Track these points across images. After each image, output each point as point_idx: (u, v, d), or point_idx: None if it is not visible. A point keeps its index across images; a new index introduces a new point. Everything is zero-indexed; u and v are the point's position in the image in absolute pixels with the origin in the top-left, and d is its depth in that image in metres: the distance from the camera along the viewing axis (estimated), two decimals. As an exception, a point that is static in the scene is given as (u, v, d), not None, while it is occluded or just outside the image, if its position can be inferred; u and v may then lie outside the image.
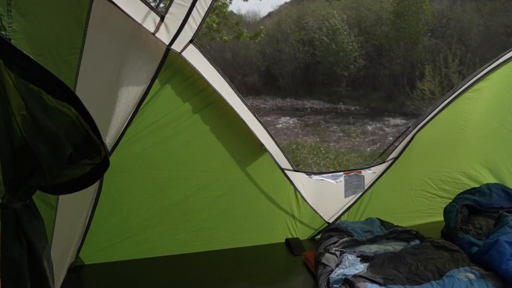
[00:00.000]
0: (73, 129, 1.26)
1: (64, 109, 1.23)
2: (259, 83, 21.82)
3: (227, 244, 3.02)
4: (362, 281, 2.27)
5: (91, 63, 1.78)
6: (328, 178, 3.02)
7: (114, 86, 2.06)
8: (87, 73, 1.77)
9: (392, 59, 19.04)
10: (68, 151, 1.26)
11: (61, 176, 1.31)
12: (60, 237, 2.11)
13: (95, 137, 1.31)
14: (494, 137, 3.44)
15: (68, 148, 1.25)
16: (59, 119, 1.23)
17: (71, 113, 1.25)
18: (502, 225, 2.67)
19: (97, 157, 1.38)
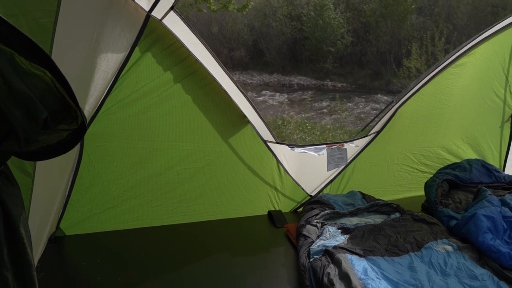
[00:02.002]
0: (48, 93, 1.22)
1: (38, 72, 1.19)
2: (246, 58, 21.60)
3: (208, 216, 3.02)
4: (342, 252, 2.29)
5: (67, 27, 1.72)
6: (310, 150, 3.02)
7: (92, 53, 2.00)
8: (63, 38, 1.71)
9: (379, 37, 18.96)
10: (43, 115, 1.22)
11: (36, 141, 1.28)
12: (38, 206, 2.08)
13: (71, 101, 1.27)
14: (475, 113, 3.47)
15: (43, 112, 1.22)
16: (33, 83, 1.19)
17: (45, 77, 1.20)
18: (481, 199, 2.71)
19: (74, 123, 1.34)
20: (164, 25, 2.29)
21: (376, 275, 2.14)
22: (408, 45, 15.52)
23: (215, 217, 3.04)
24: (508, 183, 3.25)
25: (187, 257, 2.55)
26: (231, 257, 2.58)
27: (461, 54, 3.08)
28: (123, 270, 2.40)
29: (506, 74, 3.37)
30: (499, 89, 3.43)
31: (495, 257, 2.25)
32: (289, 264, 2.49)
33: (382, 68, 17.71)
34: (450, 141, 3.53)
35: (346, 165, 3.23)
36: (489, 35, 3.09)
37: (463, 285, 2.07)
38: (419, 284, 2.06)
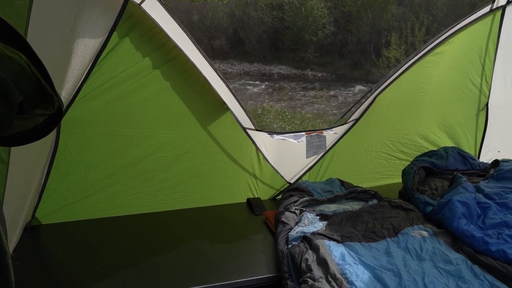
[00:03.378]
0: (23, 76, 1.18)
1: (12, 55, 1.15)
2: (226, 47, 21.46)
3: (188, 204, 3.01)
4: (320, 238, 2.31)
5: (43, 11, 1.67)
6: (289, 137, 3.03)
7: (69, 37, 1.96)
8: (39, 22, 1.67)
9: (360, 27, 19.04)
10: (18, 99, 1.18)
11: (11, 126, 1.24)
12: (13, 193, 2.04)
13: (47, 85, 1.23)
14: (452, 102, 3.52)
15: (18, 96, 1.18)
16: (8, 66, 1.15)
17: (20, 60, 1.16)
18: (456, 186, 2.76)
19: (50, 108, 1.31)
20: (143, 9, 2.25)
21: (354, 260, 2.15)
22: (388, 36, 15.62)
23: (194, 204, 3.03)
24: (482, 170, 3.31)
25: (165, 245, 2.53)
26: (210, 245, 2.57)
27: (439, 43, 3.11)
28: (100, 258, 2.37)
29: (483, 63, 3.41)
30: (476, 78, 3.48)
31: (469, 242, 2.28)
32: (267, 251, 2.50)
33: (362, 58, 17.82)
34: (427, 129, 3.57)
35: (325, 153, 3.25)
36: (466, 24, 3.13)
37: (438, 269, 2.09)
38: (395, 268, 2.08)
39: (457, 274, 2.04)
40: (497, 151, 3.77)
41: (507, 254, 2.11)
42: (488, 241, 2.22)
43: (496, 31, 3.30)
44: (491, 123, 3.70)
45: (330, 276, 1.99)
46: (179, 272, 2.27)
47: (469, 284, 1.96)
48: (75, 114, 2.44)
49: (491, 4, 3.13)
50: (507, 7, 3.17)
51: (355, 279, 1.98)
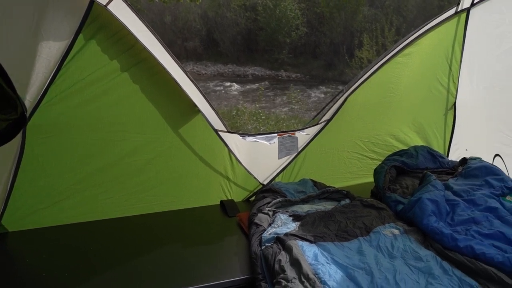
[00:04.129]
0: (-17, 81, 1.16)
1: (-27, 60, 1.12)
2: (200, 49, 21.38)
3: (161, 207, 2.98)
4: (293, 239, 2.31)
5: (3, 11, 1.64)
6: (262, 139, 3.03)
7: (32, 40, 1.92)
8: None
9: (333, 28, 19.26)
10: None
11: (-27, 131, 1.21)
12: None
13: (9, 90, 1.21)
14: (421, 102, 3.59)
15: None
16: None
17: (-20, 65, 1.14)
18: (425, 184, 2.81)
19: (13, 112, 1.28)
20: (109, 11, 2.21)
21: (326, 260, 2.17)
22: (360, 37, 15.84)
23: (167, 208, 3.00)
24: (451, 168, 3.38)
25: (138, 250, 2.50)
26: (183, 248, 2.56)
27: (407, 44, 3.17)
28: (71, 265, 2.31)
29: (449, 64, 3.49)
30: (443, 78, 3.55)
31: (438, 239, 2.33)
32: (241, 253, 2.49)
33: (335, 59, 18.02)
34: (397, 129, 3.63)
35: (297, 153, 3.26)
36: (433, 26, 3.19)
37: (409, 267, 2.13)
38: (367, 267, 2.10)
39: (427, 270, 2.08)
40: (465, 149, 3.85)
41: (474, 249, 2.16)
42: (456, 238, 2.27)
43: (461, 33, 3.37)
44: (459, 122, 3.79)
45: (303, 277, 2.00)
46: (151, 277, 2.24)
47: (439, 280, 2.00)
48: (41, 119, 2.39)
49: (456, 7, 3.21)
50: (471, 9, 3.25)
51: (328, 278, 1.99)
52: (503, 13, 3.13)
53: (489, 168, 3.05)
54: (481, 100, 3.57)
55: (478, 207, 2.63)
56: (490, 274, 1.97)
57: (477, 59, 3.47)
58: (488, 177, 2.96)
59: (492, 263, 2.05)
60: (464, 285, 1.96)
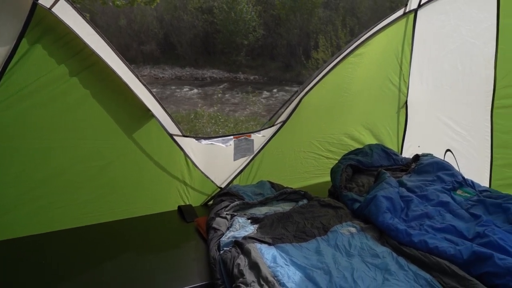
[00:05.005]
0: None
1: None
2: (157, 52, 21.13)
3: (116, 215, 2.88)
4: (251, 242, 2.30)
5: None
6: (217, 142, 3.00)
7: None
8: None
9: (289, 30, 19.49)
10: None
11: None
12: None
13: None
14: (374, 101, 3.66)
15: None
16: None
17: None
18: (380, 182, 2.86)
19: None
20: (54, 14, 2.13)
21: (285, 261, 2.16)
22: (316, 38, 16.09)
23: (123, 216, 2.91)
24: (405, 165, 3.46)
25: (92, 261, 2.40)
26: (140, 257, 2.48)
27: (359, 45, 3.22)
28: (17, 281, 2.19)
29: (400, 64, 3.58)
30: (394, 78, 3.64)
31: (393, 235, 2.37)
32: (200, 259, 2.45)
33: (292, 60, 18.23)
34: (352, 128, 3.69)
35: (254, 155, 3.25)
36: (383, 27, 3.26)
37: (366, 264, 2.16)
38: (325, 267, 2.11)
39: (383, 267, 2.11)
40: (417, 146, 3.96)
41: (428, 244, 2.21)
42: (411, 233, 2.32)
43: (410, 33, 3.47)
44: (410, 120, 3.89)
45: (262, 280, 1.98)
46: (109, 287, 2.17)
47: (395, 275, 2.03)
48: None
49: (404, 8, 3.29)
50: (419, 10, 3.35)
51: (287, 280, 1.98)
52: (448, 14, 3.24)
53: (440, 163, 3.15)
54: (431, 98, 3.67)
55: (431, 202, 2.71)
56: (443, 267, 2.03)
57: (426, 59, 3.58)
58: (439, 172, 3.05)
59: (445, 256, 2.11)
60: (419, 279, 2.00)
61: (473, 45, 3.20)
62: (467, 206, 2.67)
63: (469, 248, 2.08)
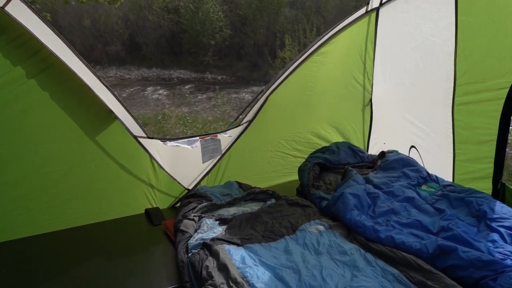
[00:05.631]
0: None
1: None
2: (122, 52, 20.80)
3: (81, 221, 2.80)
4: (220, 243, 2.28)
5: None
6: (183, 143, 2.96)
7: None
8: None
9: (256, 29, 19.54)
10: None
11: None
12: None
13: None
14: (339, 99, 3.69)
15: None
16: None
17: None
18: (347, 179, 2.89)
19: None
20: (7, 13, 2.05)
21: (254, 262, 2.15)
22: (282, 37, 16.17)
23: (88, 221, 2.83)
24: (371, 162, 3.51)
25: (58, 268, 2.32)
26: (107, 262, 2.42)
27: (323, 43, 3.23)
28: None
29: (364, 62, 3.63)
30: (359, 76, 3.68)
31: (361, 232, 2.40)
32: (168, 262, 2.41)
33: (260, 60, 18.30)
34: (318, 126, 3.71)
35: (221, 156, 3.22)
36: (347, 25, 3.29)
37: (334, 261, 2.16)
38: (294, 265, 2.11)
39: (352, 263, 2.12)
40: (383, 143, 4.02)
41: (394, 239, 2.24)
42: (378, 229, 2.35)
43: (372, 31, 3.51)
44: (376, 117, 3.95)
45: (231, 281, 1.96)
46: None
47: (363, 272, 2.05)
48: None
49: (366, 6, 3.33)
50: (381, 9, 3.40)
51: (256, 281, 1.97)
52: (409, 12, 3.30)
53: (405, 160, 3.20)
54: (395, 96, 3.74)
55: (397, 198, 2.76)
56: (409, 261, 2.05)
57: (388, 57, 3.64)
58: (405, 168, 3.10)
59: (411, 251, 2.14)
60: (387, 274, 2.03)
61: (433, 43, 3.26)
62: (432, 201, 2.73)
63: (434, 242, 2.12)
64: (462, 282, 1.92)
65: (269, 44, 18.26)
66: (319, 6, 19.28)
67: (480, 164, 3.11)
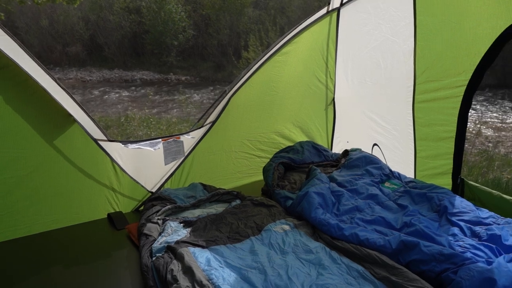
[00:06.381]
0: None
1: None
2: (83, 54, 20.32)
3: (41, 227, 2.72)
4: (184, 246, 2.25)
5: None
6: (145, 146, 2.90)
7: None
8: None
9: (220, 30, 19.49)
10: None
11: None
12: None
13: None
14: (302, 98, 3.71)
15: None
16: None
17: None
18: (312, 178, 2.91)
19: None
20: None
21: (219, 264, 2.14)
22: (246, 38, 16.20)
23: (49, 227, 2.75)
24: (335, 160, 3.56)
25: (18, 277, 2.24)
26: (69, 269, 2.35)
27: (285, 43, 3.24)
28: None
29: (326, 61, 3.66)
30: (321, 75, 3.72)
31: (326, 230, 2.41)
32: (132, 267, 2.37)
33: (224, 60, 18.27)
34: (282, 126, 3.72)
35: (185, 158, 3.18)
36: (308, 25, 3.31)
37: (300, 260, 2.17)
38: (260, 266, 2.11)
39: (317, 262, 2.13)
40: (346, 141, 4.08)
41: (359, 236, 2.27)
42: (342, 227, 2.37)
43: (334, 31, 3.55)
44: (339, 116, 4.00)
45: (196, 284, 1.94)
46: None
47: (329, 269, 2.06)
48: None
49: (327, 6, 3.36)
50: (341, 9, 3.44)
51: (222, 282, 1.95)
52: (369, 12, 3.35)
53: (368, 157, 3.26)
54: (357, 95, 3.79)
55: (361, 196, 2.80)
56: (374, 257, 2.08)
57: (350, 56, 3.68)
58: (368, 166, 3.16)
59: (375, 247, 2.18)
60: (352, 271, 2.05)
61: (393, 42, 3.32)
62: (395, 198, 2.79)
63: (397, 238, 2.17)
64: (425, 275, 1.96)
65: (233, 44, 18.28)
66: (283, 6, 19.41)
67: (440, 160, 3.19)
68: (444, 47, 2.94)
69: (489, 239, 2.18)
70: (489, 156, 6.77)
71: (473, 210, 2.48)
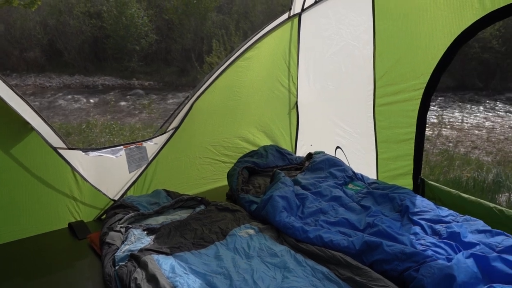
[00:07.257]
0: None
1: None
2: (41, 59, 19.76)
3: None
4: (148, 254, 2.22)
5: None
6: (107, 153, 2.84)
7: None
8: None
9: (183, 34, 19.40)
10: None
11: None
12: None
13: None
14: (265, 103, 3.73)
15: None
16: None
17: None
18: (276, 182, 2.92)
19: None
20: None
21: (184, 270, 2.12)
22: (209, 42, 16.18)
23: (6, 239, 2.65)
24: (299, 163, 3.59)
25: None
26: (30, 281, 2.28)
27: (247, 48, 3.25)
28: None
29: (288, 66, 3.69)
30: (284, 80, 3.75)
31: (290, 233, 2.43)
32: (95, 277, 2.31)
33: (188, 65, 18.18)
34: (246, 131, 3.73)
35: (147, 164, 3.14)
36: (270, 30, 3.34)
37: (265, 264, 2.18)
38: (225, 271, 2.10)
39: (282, 265, 2.15)
40: (310, 144, 4.12)
41: (323, 238, 2.30)
42: (307, 230, 2.39)
43: (295, 36, 3.59)
44: (302, 120, 4.04)
45: (161, 291, 1.92)
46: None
47: (294, 272, 2.08)
48: None
49: (288, 11, 3.40)
50: (303, 14, 3.48)
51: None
52: (330, 17, 3.41)
53: (331, 160, 3.31)
54: (319, 98, 3.84)
55: (325, 198, 2.84)
56: (338, 259, 2.12)
57: (312, 61, 3.73)
58: (331, 168, 3.21)
59: (339, 248, 2.21)
60: (317, 273, 2.07)
61: (354, 47, 3.39)
62: (358, 199, 2.85)
63: (361, 239, 2.21)
64: (388, 275, 2.01)
65: (197, 49, 18.21)
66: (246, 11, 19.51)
67: (401, 161, 3.27)
68: (402, 52, 3.03)
69: (449, 237, 2.25)
70: (449, 155, 7.01)
71: (434, 209, 2.56)
